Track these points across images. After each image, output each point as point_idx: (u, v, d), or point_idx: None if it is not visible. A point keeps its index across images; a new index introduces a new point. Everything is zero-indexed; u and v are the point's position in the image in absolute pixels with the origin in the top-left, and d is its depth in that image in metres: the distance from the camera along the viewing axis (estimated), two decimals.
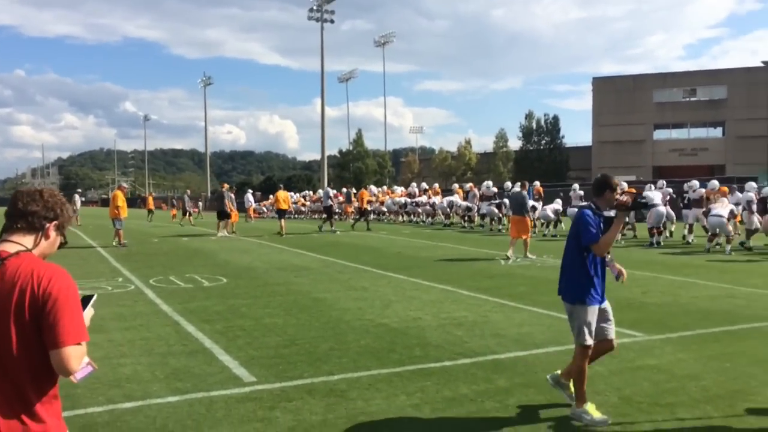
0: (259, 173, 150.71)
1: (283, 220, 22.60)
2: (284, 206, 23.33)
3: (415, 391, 4.97)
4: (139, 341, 6.64)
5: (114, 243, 17.87)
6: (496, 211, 23.26)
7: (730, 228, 15.62)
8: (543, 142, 65.04)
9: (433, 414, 4.53)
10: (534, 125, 65.44)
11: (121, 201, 18.22)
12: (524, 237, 14.47)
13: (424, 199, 28.64)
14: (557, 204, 21.15)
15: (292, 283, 10.79)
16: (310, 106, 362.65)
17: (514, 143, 67.59)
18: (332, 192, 27.65)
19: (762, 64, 47.56)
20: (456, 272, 12.05)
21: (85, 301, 2.23)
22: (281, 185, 27.61)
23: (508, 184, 25.01)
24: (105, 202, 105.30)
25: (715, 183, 18.99)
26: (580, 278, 4.43)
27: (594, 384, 5.09)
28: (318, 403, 4.73)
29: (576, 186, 23.81)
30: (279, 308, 8.36)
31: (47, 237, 2.19)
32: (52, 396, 2.16)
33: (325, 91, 53.77)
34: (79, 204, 33.03)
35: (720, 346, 6.32)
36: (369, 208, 27.07)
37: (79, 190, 37.57)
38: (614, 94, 61.03)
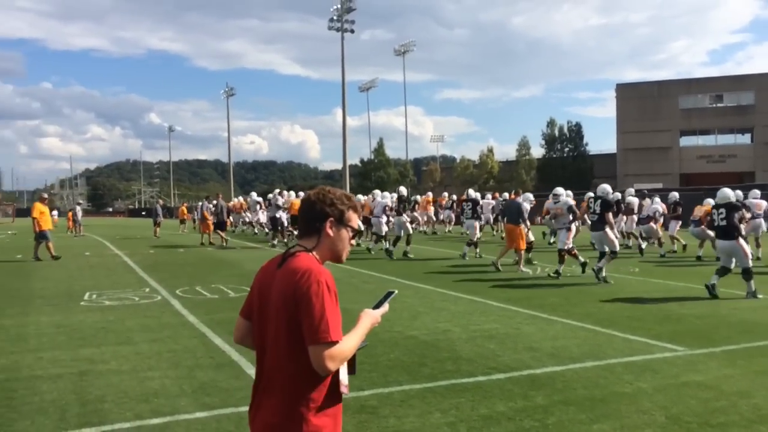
0: (281, 183, 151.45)
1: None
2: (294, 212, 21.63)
3: (449, 408, 4.79)
4: (167, 354, 6.54)
5: (45, 256, 16.57)
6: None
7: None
8: (566, 149, 64.41)
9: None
10: (556, 132, 64.85)
11: (38, 212, 16.81)
12: (517, 248, 13.68)
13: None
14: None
15: None
16: (330, 116, 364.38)
17: (537, 151, 67.05)
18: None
19: None
20: (483, 282, 11.83)
21: (386, 296, 2.38)
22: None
23: (470, 191, 19.63)
24: (132, 213, 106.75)
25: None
26: None
27: (639, 402, 4.87)
28: (349, 420, 4.57)
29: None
30: None
31: (327, 235, 2.26)
32: (324, 396, 2.13)
33: (346, 101, 53.84)
34: (80, 215, 33.11)
35: None
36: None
37: (81, 202, 37.22)
38: (638, 101, 60.31)
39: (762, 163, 54.91)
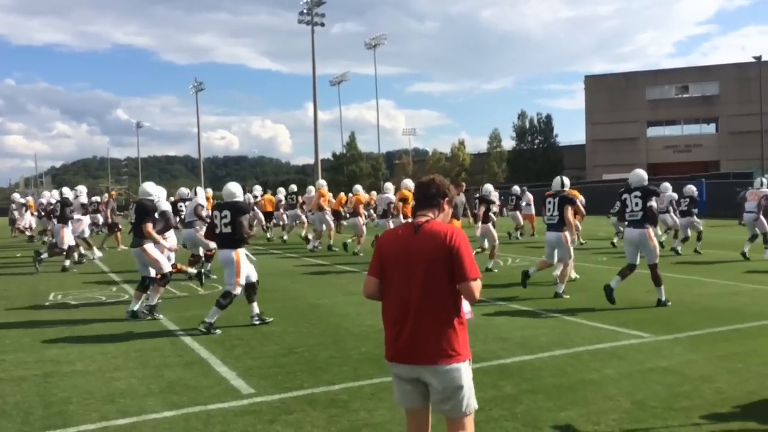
0: (253, 178, 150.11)
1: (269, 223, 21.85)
2: (270, 208, 22.28)
3: None
4: (134, 353, 6.45)
5: None
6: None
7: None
8: (536, 141, 65.01)
9: (441, 423, 4.34)
10: (527, 125, 65.40)
11: None
12: None
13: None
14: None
15: (290, 289, 10.61)
16: (302, 110, 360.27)
17: (508, 143, 67.54)
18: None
19: (753, 60, 47.58)
20: None
21: None
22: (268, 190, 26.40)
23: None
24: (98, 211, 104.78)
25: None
26: None
27: (604, 388, 4.95)
28: (319, 415, 4.56)
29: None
30: (276, 315, 8.18)
31: (443, 209, 3.11)
32: (463, 322, 3.01)
33: (317, 95, 53.60)
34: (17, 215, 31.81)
35: (730, 346, 6.18)
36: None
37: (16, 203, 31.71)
38: (607, 93, 61.08)
39: (726, 153, 56.12)
